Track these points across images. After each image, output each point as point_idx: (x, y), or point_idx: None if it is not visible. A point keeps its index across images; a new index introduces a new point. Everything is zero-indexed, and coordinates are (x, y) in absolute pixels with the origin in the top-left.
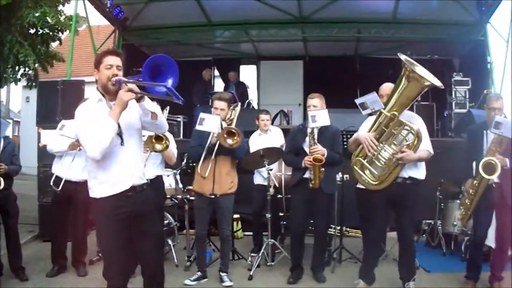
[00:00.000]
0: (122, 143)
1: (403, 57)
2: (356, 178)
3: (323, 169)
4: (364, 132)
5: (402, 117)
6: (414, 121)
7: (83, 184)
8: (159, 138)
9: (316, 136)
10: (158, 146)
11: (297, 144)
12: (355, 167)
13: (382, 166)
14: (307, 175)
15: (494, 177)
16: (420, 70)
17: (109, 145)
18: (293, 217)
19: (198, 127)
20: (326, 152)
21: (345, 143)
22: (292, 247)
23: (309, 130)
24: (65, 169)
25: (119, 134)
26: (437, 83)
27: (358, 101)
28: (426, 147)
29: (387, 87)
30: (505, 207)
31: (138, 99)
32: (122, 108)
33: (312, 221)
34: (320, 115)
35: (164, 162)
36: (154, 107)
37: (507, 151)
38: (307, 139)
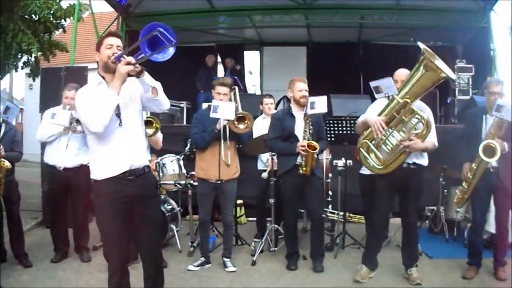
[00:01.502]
0: (120, 124)
1: (422, 45)
2: (359, 164)
3: (316, 156)
4: (373, 115)
5: (414, 106)
6: (424, 111)
7: (79, 169)
8: (149, 123)
9: (310, 124)
10: (149, 131)
11: (288, 130)
12: (361, 149)
13: (389, 151)
14: (299, 160)
15: (494, 160)
16: (438, 61)
17: (111, 117)
18: (287, 204)
19: (212, 115)
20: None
21: (347, 128)
22: (287, 235)
23: (301, 115)
24: (59, 156)
25: (118, 114)
26: (453, 76)
27: (373, 84)
28: (432, 139)
29: (402, 73)
30: (504, 191)
31: (138, 74)
32: (121, 80)
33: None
34: (319, 101)
35: (149, 147)
36: (154, 82)
37: (507, 135)
38: (297, 124)
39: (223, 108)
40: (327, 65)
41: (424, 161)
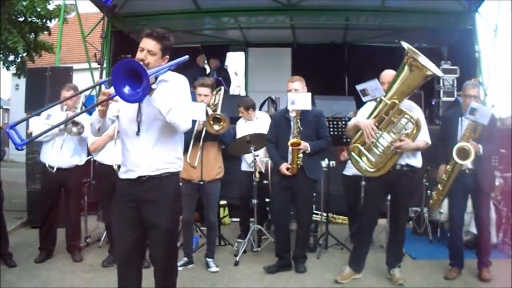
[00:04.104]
0: (138, 133)
1: (406, 45)
2: (343, 165)
3: (301, 155)
4: (363, 118)
5: (402, 106)
6: (413, 111)
7: (73, 170)
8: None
9: (299, 122)
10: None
11: (281, 134)
12: (352, 153)
13: (380, 153)
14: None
15: (467, 163)
16: (423, 59)
17: (98, 131)
18: (274, 204)
19: None
20: (309, 146)
21: (331, 129)
22: (276, 235)
23: (292, 114)
24: (55, 156)
25: (139, 123)
26: (439, 73)
27: (359, 87)
28: (424, 137)
29: (388, 74)
30: (480, 193)
31: (149, 92)
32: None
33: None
34: (300, 98)
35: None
36: (165, 103)
37: (482, 138)
38: (292, 125)
39: (194, 108)
40: (312, 67)
41: (416, 162)
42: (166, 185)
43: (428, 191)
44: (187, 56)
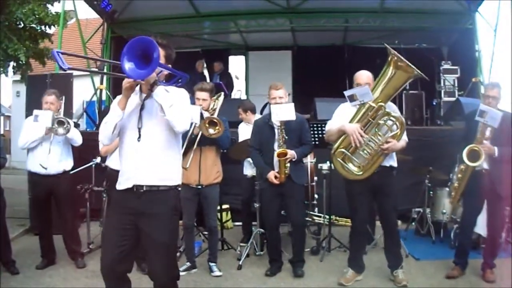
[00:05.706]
0: (139, 138)
1: (389, 47)
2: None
3: (288, 164)
4: (344, 122)
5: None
6: (395, 111)
7: (62, 177)
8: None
9: (284, 131)
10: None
11: (265, 141)
12: (337, 158)
13: (367, 156)
14: (276, 168)
15: (476, 164)
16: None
17: (113, 131)
18: (266, 211)
19: None
20: (296, 153)
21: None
22: (268, 242)
23: (277, 124)
24: (42, 162)
25: (139, 128)
26: (422, 74)
27: (347, 93)
28: (404, 137)
29: (365, 75)
30: (495, 194)
31: (151, 89)
32: (124, 95)
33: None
34: (284, 109)
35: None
36: (166, 99)
37: (497, 140)
38: (276, 133)
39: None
40: (312, 69)
41: (395, 162)
42: (165, 198)
43: (431, 192)
44: (187, 76)
